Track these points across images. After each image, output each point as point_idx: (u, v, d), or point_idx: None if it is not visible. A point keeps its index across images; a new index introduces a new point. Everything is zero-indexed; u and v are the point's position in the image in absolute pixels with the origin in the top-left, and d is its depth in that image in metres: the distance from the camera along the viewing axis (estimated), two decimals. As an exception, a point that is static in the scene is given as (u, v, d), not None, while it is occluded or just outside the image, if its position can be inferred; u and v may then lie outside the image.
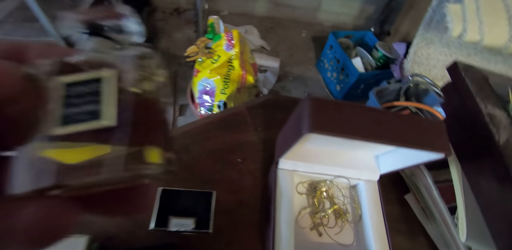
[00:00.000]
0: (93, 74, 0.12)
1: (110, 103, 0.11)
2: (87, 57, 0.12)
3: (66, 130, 0.11)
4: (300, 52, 1.91)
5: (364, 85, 1.50)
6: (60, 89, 0.12)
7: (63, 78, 0.12)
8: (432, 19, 1.25)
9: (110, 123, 0.11)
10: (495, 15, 1.00)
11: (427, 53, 1.22)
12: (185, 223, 0.31)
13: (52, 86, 0.12)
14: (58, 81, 0.12)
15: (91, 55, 0.13)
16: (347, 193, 0.42)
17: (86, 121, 0.11)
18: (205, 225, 0.31)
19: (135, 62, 0.13)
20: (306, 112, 0.28)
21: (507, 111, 0.37)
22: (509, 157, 0.31)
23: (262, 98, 0.51)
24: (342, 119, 0.28)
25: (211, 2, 1.98)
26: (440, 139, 0.31)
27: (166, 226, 0.31)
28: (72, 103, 0.11)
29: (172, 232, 0.31)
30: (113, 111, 0.11)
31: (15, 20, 1.16)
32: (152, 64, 0.13)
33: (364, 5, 2.03)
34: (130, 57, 0.13)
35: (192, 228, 0.31)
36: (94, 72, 0.12)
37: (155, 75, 0.13)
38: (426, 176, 0.43)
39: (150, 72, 0.13)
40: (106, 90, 0.11)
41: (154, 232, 0.32)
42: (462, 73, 0.39)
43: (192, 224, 0.31)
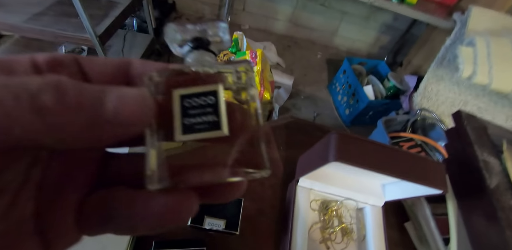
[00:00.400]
0: (208, 87, 0.13)
1: (224, 114, 0.12)
2: (195, 70, 0.13)
3: (188, 137, 0.12)
4: (314, 73, 1.98)
5: (373, 112, 1.55)
6: (177, 101, 0.13)
7: (181, 91, 0.13)
8: (445, 57, 1.31)
9: (227, 133, 0.12)
10: (505, 62, 1.06)
11: (437, 89, 1.28)
12: (217, 223, 0.35)
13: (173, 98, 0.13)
14: (176, 93, 0.13)
15: (197, 68, 0.13)
16: (354, 214, 0.47)
17: (207, 131, 0.12)
18: (234, 227, 0.36)
19: (236, 74, 0.13)
20: (333, 144, 0.33)
21: (500, 160, 0.42)
22: (497, 200, 0.36)
23: (285, 120, 0.56)
24: (361, 152, 0.34)
25: (234, 15, 2.07)
26: (440, 177, 0.36)
27: (201, 224, 0.35)
28: (189, 114, 0.12)
29: (204, 229, 0.35)
30: (226, 122, 0.12)
31: (55, 14, 1.21)
32: (250, 76, 0.14)
33: (380, 35, 2.12)
34: (232, 69, 0.13)
35: (222, 228, 0.35)
36: (208, 86, 0.13)
37: (251, 87, 0.14)
38: (426, 208, 0.47)
39: (248, 84, 0.13)
40: (220, 102, 0.12)
41: (187, 228, 0.36)
42: (464, 122, 0.45)
43: (223, 224, 0.35)
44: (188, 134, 0.12)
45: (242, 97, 0.13)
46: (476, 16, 1.26)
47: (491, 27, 1.24)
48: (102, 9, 1.28)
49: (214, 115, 0.12)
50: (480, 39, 1.11)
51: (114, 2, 1.33)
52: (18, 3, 1.18)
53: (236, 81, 0.13)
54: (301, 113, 1.68)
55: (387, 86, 1.59)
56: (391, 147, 0.36)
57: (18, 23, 1.11)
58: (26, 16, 1.14)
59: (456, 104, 1.27)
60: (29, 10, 1.17)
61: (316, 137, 0.57)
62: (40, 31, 1.13)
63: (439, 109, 1.28)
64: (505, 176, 0.40)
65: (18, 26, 1.11)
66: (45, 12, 1.21)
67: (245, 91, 0.13)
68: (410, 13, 1.38)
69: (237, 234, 0.36)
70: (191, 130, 0.12)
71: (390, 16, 1.95)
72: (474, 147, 0.41)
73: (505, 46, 1.09)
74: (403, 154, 0.36)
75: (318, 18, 2.04)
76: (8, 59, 0.12)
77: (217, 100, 0.12)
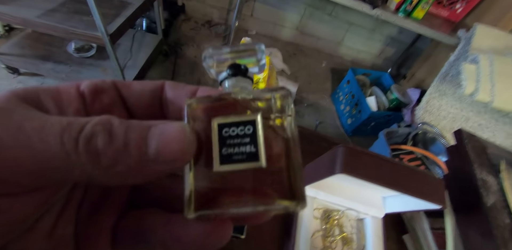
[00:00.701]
0: (246, 117, 0.13)
1: (262, 145, 0.12)
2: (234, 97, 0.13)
3: (226, 168, 0.12)
4: (318, 81, 2.00)
5: (375, 123, 1.57)
6: (216, 130, 0.13)
7: (219, 120, 0.13)
8: (448, 73, 1.33)
9: (264, 166, 0.12)
10: (507, 81, 1.08)
11: (439, 104, 1.30)
12: None
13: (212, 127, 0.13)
14: (214, 122, 0.13)
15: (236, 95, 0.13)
16: (355, 224, 0.48)
17: (245, 162, 0.12)
18: (241, 230, 0.37)
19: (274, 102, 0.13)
20: (340, 157, 0.35)
21: (498, 179, 0.43)
22: (492, 217, 0.38)
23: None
24: (366, 166, 0.36)
25: (242, 20, 2.09)
26: (439, 193, 0.37)
27: None
28: (228, 143, 0.12)
29: None
30: (264, 153, 0.12)
31: (68, 11, 1.22)
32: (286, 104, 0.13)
33: (385, 47, 2.15)
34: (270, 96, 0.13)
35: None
36: (247, 116, 0.13)
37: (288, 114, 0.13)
38: (424, 222, 0.48)
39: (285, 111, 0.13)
40: (259, 132, 0.12)
41: None
42: (464, 140, 0.46)
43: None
44: (226, 164, 0.12)
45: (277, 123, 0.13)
46: (481, 34, 1.29)
47: (495, 46, 1.27)
48: (114, 9, 1.30)
49: (252, 145, 0.12)
50: (483, 57, 1.13)
51: (126, 2, 1.35)
52: (32, -2, 1.20)
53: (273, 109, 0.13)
54: (304, 121, 1.69)
55: (390, 98, 1.61)
56: (394, 161, 0.37)
57: (31, 18, 1.12)
58: (39, 11, 1.16)
59: (458, 120, 1.29)
60: (43, 5, 1.19)
61: (320, 147, 0.58)
62: (52, 27, 1.14)
63: (441, 124, 1.30)
64: (502, 195, 0.41)
65: (31, 21, 1.13)
66: (59, 8, 1.22)
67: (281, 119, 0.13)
68: (415, 27, 1.40)
69: (242, 238, 0.37)
70: (229, 161, 0.12)
71: (396, 29, 1.98)
72: (473, 165, 0.43)
73: (508, 65, 1.12)
74: (406, 168, 0.37)
75: (325, 28, 2.07)
76: (55, 88, 0.13)
77: (255, 130, 0.12)
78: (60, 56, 1.40)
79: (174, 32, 1.91)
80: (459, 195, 0.46)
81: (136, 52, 1.52)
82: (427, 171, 0.38)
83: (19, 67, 1.38)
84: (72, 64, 1.39)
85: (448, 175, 0.50)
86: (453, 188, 0.47)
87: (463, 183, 0.44)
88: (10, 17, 1.12)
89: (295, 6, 1.94)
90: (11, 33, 1.58)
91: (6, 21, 1.33)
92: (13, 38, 1.42)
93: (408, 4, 1.36)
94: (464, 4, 1.48)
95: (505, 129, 1.22)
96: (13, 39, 1.41)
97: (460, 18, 1.54)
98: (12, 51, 1.35)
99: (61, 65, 1.37)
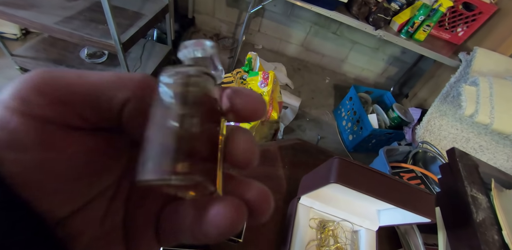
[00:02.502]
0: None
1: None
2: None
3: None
4: (321, 97, 2.03)
5: (376, 140, 1.58)
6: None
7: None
8: (449, 94, 1.35)
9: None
10: (507, 104, 1.10)
11: (440, 124, 1.31)
12: None
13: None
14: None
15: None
16: (349, 236, 0.48)
17: None
18: (239, 235, 0.37)
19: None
20: (335, 167, 0.36)
21: (488, 197, 0.44)
22: (481, 233, 0.38)
23: (292, 141, 0.59)
24: (359, 177, 0.37)
25: (249, 35, 2.16)
26: (429, 207, 0.39)
27: None
28: None
29: None
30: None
31: (84, 19, 1.28)
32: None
33: (388, 66, 2.19)
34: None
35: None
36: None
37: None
38: (418, 237, 0.49)
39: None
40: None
41: None
42: (457, 159, 0.48)
43: None
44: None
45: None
46: (481, 57, 1.32)
47: (494, 69, 1.30)
48: (128, 19, 1.36)
49: None
50: (483, 80, 1.16)
51: (140, 13, 1.41)
52: (52, 6, 1.26)
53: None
54: (305, 135, 1.71)
55: (391, 116, 1.63)
56: (387, 175, 0.39)
57: (49, 24, 1.18)
58: (58, 18, 1.21)
59: (458, 140, 1.30)
60: (62, 13, 1.25)
61: (319, 159, 0.60)
62: (69, 33, 1.19)
63: (441, 144, 1.30)
64: (491, 212, 0.42)
65: (49, 27, 1.18)
66: (76, 16, 1.28)
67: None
68: (417, 49, 1.44)
69: (240, 242, 0.37)
70: None
71: (399, 49, 2.03)
72: (464, 183, 0.44)
73: (508, 88, 1.14)
74: (397, 182, 0.39)
75: (329, 45, 2.12)
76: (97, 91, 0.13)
77: None
78: (73, 61, 1.45)
79: (183, 43, 1.97)
80: (450, 211, 0.46)
81: (145, 61, 1.57)
82: (418, 186, 0.39)
83: (33, 69, 1.42)
84: (83, 69, 1.44)
85: (441, 192, 0.51)
86: (445, 204, 0.48)
87: (454, 200, 0.45)
88: (30, 22, 1.17)
89: (301, 23, 2.01)
90: (27, 36, 1.64)
91: (25, 26, 1.39)
92: (29, 41, 1.47)
93: (410, 26, 1.41)
94: (465, 28, 1.52)
95: (505, 151, 1.23)
96: (29, 42, 1.46)
97: (461, 41, 1.58)
98: (27, 54, 1.40)
99: (73, 69, 1.42)
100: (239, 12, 2.02)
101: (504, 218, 0.41)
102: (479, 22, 1.47)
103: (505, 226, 0.40)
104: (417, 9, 1.37)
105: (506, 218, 0.41)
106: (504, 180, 0.48)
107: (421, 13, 1.35)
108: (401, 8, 1.44)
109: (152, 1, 1.52)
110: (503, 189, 0.46)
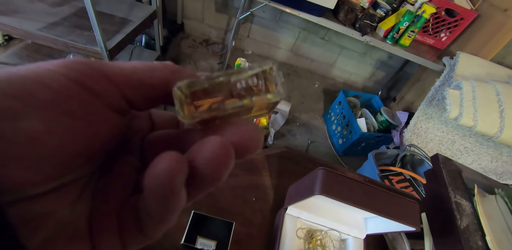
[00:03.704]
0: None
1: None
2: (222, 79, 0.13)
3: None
4: (311, 101, 2.05)
5: (365, 144, 1.60)
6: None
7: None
8: (434, 97, 1.39)
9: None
10: (489, 107, 1.13)
11: (426, 127, 1.34)
12: (209, 244, 0.36)
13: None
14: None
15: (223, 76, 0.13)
16: (337, 245, 0.48)
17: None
18: (224, 248, 0.37)
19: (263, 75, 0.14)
20: (319, 179, 0.36)
21: (472, 203, 0.45)
22: (465, 239, 0.39)
23: (279, 149, 0.59)
24: (343, 188, 0.38)
25: (238, 40, 2.17)
26: (413, 215, 0.39)
27: (193, 243, 0.36)
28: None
29: (196, 249, 0.36)
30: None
31: (69, 25, 1.25)
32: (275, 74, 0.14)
33: (375, 70, 2.23)
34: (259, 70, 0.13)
35: (213, 249, 0.36)
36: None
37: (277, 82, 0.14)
38: (405, 244, 0.49)
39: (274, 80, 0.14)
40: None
41: (180, 246, 0.37)
42: (441, 165, 0.48)
43: (214, 246, 0.36)
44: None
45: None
46: (464, 61, 1.36)
47: (477, 73, 1.34)
48: (115, 25, 1.35)
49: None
50: (466, 84, 1.19)
51: (127, 19, 1.40)
52: (35, 12, 1.24)
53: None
54: (296, 140, 1.71)
55: (380, 120, 1.65)
56: (372, 185, 0.39)
57: (32, 30, 1.15)
58: (41, 24, 1.19)
59: (444, 142, 1.32)
60: (46, 19, 1.22)
61: (307, 167, 0.60)
62: (53, 40, 1.17)
63: (428, 146, 1.33)
64: (475, 218, 0.43)
65: (33, 33, 1.16)
66: (61, 22, 1.25)
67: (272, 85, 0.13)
68: (402, 54, 1.48)
69: None
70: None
71: (386, 54, 2.07)
72: (448, 189, 0.44)
73: (489, 91, 1.17)
74: (381, 191, 0.39)
75: (318, 50, 2.15)
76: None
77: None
78: (57, 68, 1.42)
79: (172, 49, 1.96)
80: (435, 217, 0.47)
81: (133, 67, 1.55)
82: (404, 193, 0.39)
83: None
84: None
85: (426, 198, 0.51)
86: (430, 210, 0.48)
87: (439, 206, 0.46)
88: (12, 29, 1.14)
89: (290, 29, 2.03)
90: (10, 43, 1.60)
91: (8, 32, 1.36)
92: (12, 48, 1.44)
93: (395, 32, 1.44)
94: (448, 33, 1.57)
95: (489, 152, 1.26)
96: (12, 48, 1.43)
97: (445, 46, 1.63)
98: (10, 61, 1.37)
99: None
100: (228, 18, 2.03)
101: (487, 224, 0.41)
102: (461, 27, 1.52)
103: (489, 232, 0.40)
104: (402, 15, 1.40)
105: (489, 223, 0.41)
106: (486, 185, 0.49)
107: (405, 19, 1.39)
108: (387, 15, 1.47)
109: (140, 7, 1.51)
110: (485, 194, 0.47)
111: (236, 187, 0.49)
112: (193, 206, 0.42)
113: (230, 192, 0.48)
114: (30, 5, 1.26)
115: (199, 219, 0.39)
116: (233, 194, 0.48)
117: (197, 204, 0.44)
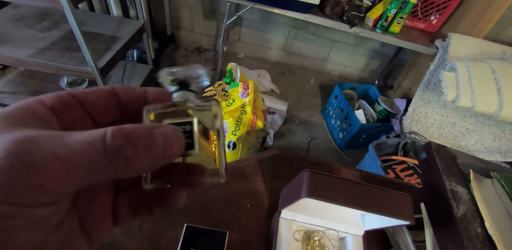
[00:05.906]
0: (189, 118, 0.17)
1: (197, 139, 0.17)
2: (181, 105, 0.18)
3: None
4: (308, 98, 2.04)
5: (366, 135, 1.58)
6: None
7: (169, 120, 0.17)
8: (430, 81, 1.37)
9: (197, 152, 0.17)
10: (486, 86, 1.11)
11: (425, 112, 1.32)
12: None
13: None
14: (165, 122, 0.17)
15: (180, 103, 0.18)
16: (336, 244, 0.48)
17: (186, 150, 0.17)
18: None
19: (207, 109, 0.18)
20: (305, 181, 0.36)
21: (469, 189, 0.44)
22: (463, 228, 0.38)
23: (272, 152, 0.59)
24: (331, 188, 0.37)
25: (230, 45, 2.18)
26: (406, 209, 0.38)
27: None
28: None
29: None
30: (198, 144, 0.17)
31: (59, 48, 1.28)
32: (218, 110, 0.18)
33: (369, 60, 2.21)
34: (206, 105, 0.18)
35: None
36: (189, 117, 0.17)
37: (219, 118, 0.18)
38: (407, 235, 0.48)
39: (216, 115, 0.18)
40: (195, 130, 0.17)
41: None
42: (434, 153, 0.47)
43: None
44: None
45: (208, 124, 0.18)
46: (456, 42, 1.34)
47: (470, 53, 1.31)
48: (104, 43, 1.36)
49: (189, 139, 0.17)
50: (460, 65, 1.17)
51: (115, 36, 1.42)
52: (25, 39, 1.26)
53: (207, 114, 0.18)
54: (296, 138, 1.70)
55: (378, 109, 1.64)
56: (359, 183, 0.39)
57: (23, 58, 1.18)
58: (32, 51, 1.21)
59: (445, 126, 1.31)
60: (35, 45, 1.25)
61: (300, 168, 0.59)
62: (44, 65, 1.19)
63: (429, 132, 1.31)
64: (473, 204, 0.42)
65: (24, 60, 1.18)
66: (50, 47, 1.27)
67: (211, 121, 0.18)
68: (394, 41, 1.46)
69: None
70: None
71: (378, 43, 2.05)
72: (442, 177, 0.44)
73: (485, 70, 1.15)
74: (372, 188, 0.39)
75: (310, 46, 2.14)
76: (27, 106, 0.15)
77: (192, 128, 0.17)
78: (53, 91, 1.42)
79: (164, 60, 1.97)
80: (433, 207, 0.46)
81: (127, 83, 1.57)
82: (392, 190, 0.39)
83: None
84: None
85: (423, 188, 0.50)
86: (428, 200, 0.47)
87: (436, 195, 0.45)
88: (3, 58, 1.17)
89: (280, 28, 2.03)
90: (5, 71, 1.63)
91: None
92: (7, 76, 1.47)
93: (384, 20, 1.43)
94: (438, 15, 1.55)
95: (491, 131, 1.24)
96: (7, 77, 1.46)
97: (436, 28, 1.60)
98: (6, 89, 1.39)
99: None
100: (217, 24, 2.04)
101: (485, 209, 0.40)
102: (451, 8, 1.50)
103: (487, 217, 0.39)
104: (389, 3, 1.39)
105: (488, 208, 0.40)
106: (484, 169, 0.48)
107: (392, 6, 1.37)
108: (374, 4, 1.46)
109: (127, 23, 1.52)
110: (482, 179, 0.46)
111: (229, 195, 0.49)
112: (186, 218, 0.42)
113: (224, 200, 0.48)
114: (20, 32, 1.29)
115: (192, 232, 0.39)
116: (227, 202, 0.48)
117: (191, 216, 0.44)
